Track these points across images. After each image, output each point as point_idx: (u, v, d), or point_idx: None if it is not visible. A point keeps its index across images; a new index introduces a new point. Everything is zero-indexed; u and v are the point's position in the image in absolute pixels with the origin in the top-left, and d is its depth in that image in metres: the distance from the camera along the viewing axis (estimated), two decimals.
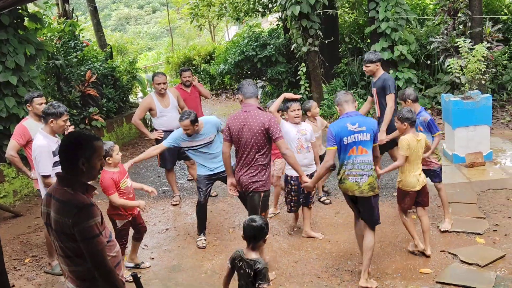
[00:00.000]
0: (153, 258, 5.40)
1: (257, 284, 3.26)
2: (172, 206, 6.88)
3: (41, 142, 4.61)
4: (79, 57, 9.85)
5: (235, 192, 4.82)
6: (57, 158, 4.43)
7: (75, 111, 9.06)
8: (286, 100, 5.52)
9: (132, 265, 5.19)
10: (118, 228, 4.82)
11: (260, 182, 4.54)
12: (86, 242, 2.59)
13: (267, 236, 3.49)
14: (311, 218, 5.64)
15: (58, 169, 3.51)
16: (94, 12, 13.22)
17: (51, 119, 4.63)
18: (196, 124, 5.33)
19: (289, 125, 5.39)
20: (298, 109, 5.37)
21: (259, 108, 4.59)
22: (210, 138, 5.48)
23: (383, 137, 5.66)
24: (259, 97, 7.11)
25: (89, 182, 2.78)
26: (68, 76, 9.30)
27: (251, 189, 4.54)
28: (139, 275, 2.98)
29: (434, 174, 5.28)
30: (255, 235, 3.38)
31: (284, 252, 5.25)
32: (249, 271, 3.31)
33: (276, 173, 5.99)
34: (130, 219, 4.87)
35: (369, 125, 4.29)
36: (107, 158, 4.70)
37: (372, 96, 6.29)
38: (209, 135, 5.48)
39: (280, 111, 5.74)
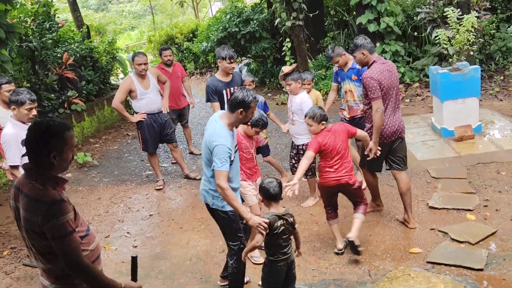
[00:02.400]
0: (136, 246, 5.22)
1: (295, 225, 3.62)
2: (155, 191, 6.68)
3: (9, 130, 4.36)
4: (54, 38, 9.47)
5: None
6: None
7: (52, 95, 8.75)
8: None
9: None
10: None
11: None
12: (57, 240, 2.39)
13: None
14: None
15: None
16: None
17: (13, 107, 4.38)
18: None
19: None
20: (288, 84, 5.52)
21: None
22: None
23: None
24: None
25: (59, 175, 2.56)
26: (43, 59, 8.95)
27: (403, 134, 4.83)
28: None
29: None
30: (277, 194, 3.55)
31: None
32: (291, 219, 3.57)
33: None
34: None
35: None
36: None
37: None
38: None
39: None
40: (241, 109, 3.58)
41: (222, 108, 5.35)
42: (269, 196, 3.56)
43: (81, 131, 9.37)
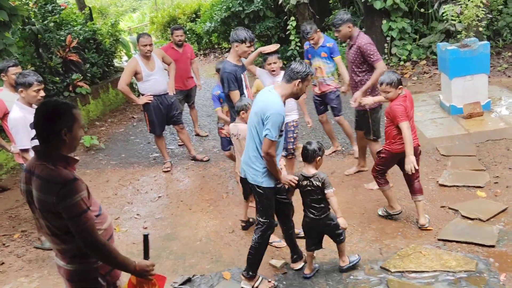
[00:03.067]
0: (146, 228, 5.23)
1: (325, 191, 3.77)
2: (163, 173, 6.68)
3: (16, 114, 4.33)
4: (57, 21, 9.38)
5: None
6: None
7: (57, 78, 8.70)
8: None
9: None
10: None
11: None
12: (73, 219, 2.41)
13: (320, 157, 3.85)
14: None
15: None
16: None
17: (21, 89, 4.34)
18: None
19: (266, 75, 5.33)
20: (274, 62, 5.20)
21: None
22: None
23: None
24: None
25: (69, 155, 2.56)
26: (47, 42, 8.87)
27: None
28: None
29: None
30: (308, 156, 3.83)
31: None
32: (317, 183, 3.77)
33: None
34: None
35: None
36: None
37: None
38: None
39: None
40: (299, 80, 3.63)
41: (242, 94, 4.94)
42: (303, 156, 3.87)
43: (87, 114, 9.34)
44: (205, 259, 4.49)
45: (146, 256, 2.76)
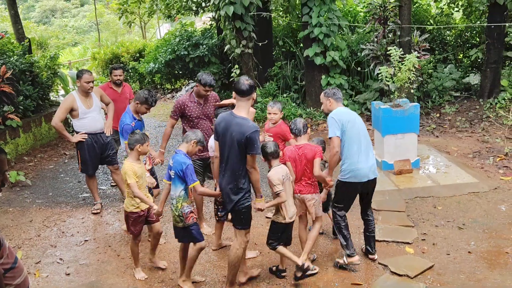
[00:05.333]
0: (68, 274, 4.92)
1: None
2: (92, 215, 6.38)
3: None
4: None
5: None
6: None
7: None
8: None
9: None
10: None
11: None
12: None
13: None
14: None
15: None
16: (12, 2, 12.21)
17: None
18: None
19: None
20: None
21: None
22: None
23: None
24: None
25: None
26: None
27: None
28: None
29: None
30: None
31: (214, 266, 4.98)
32: None
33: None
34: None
35: None
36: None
37: None
38: None
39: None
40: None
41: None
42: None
43: (15, 148, 8.87)
44: None
45: None
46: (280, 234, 4.41)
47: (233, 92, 4.39)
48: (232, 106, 5.25)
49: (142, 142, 4.58)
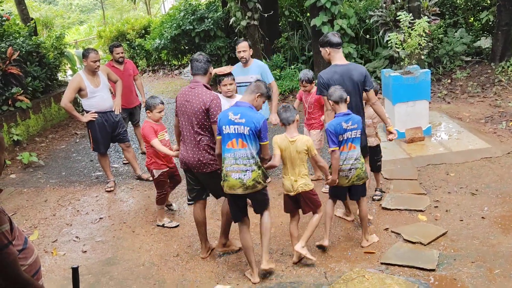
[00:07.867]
0: (85, 251, 5.00)
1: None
2: (106, 193, 6.45)
3: None
4: None
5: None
6: None
7: None
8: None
9: (161, 224, 5.38)
10: (156, 178, 5.22)
11: None
12: None
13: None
14: None
15: None
16: None
17: None
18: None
19: (222, 99, 5.12)
20: (230, 84, 5.22)
21: (205, 86, 4.37)
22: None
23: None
24: None
25: None
26: None
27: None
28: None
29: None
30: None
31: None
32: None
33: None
34: (166, 169, 5.21)
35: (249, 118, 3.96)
36: (147, 111, 5.16)
37: None
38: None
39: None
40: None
41: None
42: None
43: (26, 129, 8.93)
44: (147, 285, 4.33)
45: None
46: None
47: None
48: (230, 73, 5.27)
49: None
